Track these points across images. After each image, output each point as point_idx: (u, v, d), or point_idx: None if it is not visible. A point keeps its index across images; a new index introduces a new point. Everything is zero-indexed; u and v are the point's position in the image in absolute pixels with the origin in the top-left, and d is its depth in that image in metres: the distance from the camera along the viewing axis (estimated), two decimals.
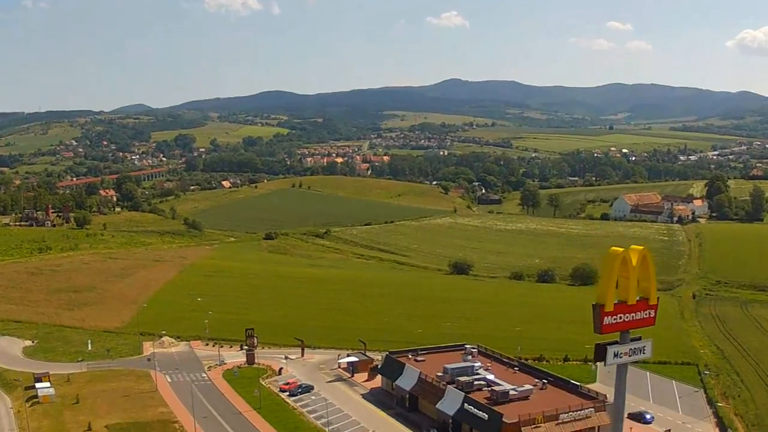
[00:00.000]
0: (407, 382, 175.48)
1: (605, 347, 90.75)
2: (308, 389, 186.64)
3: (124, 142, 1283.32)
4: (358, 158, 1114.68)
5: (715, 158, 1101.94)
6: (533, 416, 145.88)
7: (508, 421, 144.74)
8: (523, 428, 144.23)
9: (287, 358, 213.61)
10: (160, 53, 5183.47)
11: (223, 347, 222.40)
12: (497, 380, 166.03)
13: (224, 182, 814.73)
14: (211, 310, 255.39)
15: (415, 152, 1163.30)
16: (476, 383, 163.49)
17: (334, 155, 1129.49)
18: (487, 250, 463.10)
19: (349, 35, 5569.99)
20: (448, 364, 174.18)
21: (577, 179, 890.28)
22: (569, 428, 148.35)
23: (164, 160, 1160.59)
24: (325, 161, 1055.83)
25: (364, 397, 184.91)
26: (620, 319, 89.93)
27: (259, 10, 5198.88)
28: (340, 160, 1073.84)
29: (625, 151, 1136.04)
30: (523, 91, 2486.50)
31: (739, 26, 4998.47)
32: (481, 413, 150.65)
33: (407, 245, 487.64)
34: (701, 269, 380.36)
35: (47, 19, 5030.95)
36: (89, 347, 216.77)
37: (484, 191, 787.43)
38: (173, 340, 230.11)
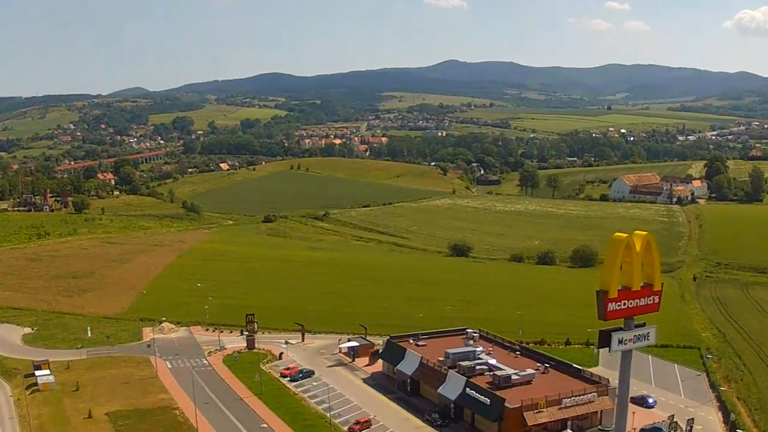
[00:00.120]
0: (408, 366, 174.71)
1: (609, 334, 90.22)
2: (309, 374, 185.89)
3: (121, 125, 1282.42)
4: (356, 140, 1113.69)
5: (713, 138, 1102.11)
6: (536, 401, 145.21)
7: (510, 405, 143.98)
8: (525, 413, 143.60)
9: (287, 343, 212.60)
10: (157, 36, 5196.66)
11: (223, 332, 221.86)
12: (499, 365, 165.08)
13: (222, 165, 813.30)
14: (210, 295, 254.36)
15: (413, 133, 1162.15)
16: (478, 368, 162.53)
17: (332, 137, 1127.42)
18: (486, 231, 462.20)
19: (347, 17, 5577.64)
20: (449, 348, 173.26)
21: (575, 160, 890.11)
22: (572, 413, 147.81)
23: (162, 142, 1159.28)
24: (323, 143, 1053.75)
25: (365, 381, 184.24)
26: (624, 305, 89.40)
27: None
28: (338, 141, 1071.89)
29: (623, 131, 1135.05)
30: (521, 71, 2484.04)
31: (737, 6, 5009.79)
32: (483, 398, 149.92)
33: (406, 227, 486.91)
34: (701, 251, 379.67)
35: (44, 2, 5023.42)
36: (89, 334, 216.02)
37: (482, 172, 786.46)
38: (173, 325, 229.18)
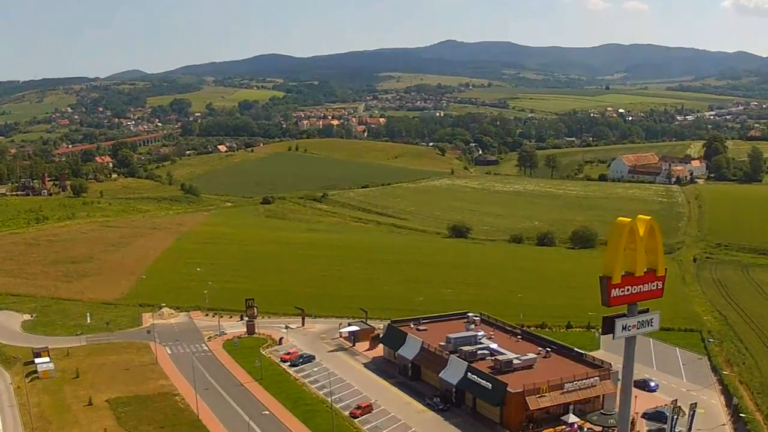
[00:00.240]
0: (410, 351, 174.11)
1: (613, 320, 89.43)
2: (309, 359, 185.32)
3: (119, 108, 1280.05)
4: (354, 120, 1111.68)
5: (712, 118, 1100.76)
6: (538, 385, 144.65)
7: (512, 390, 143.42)
8: (527, 397, 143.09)
9: (288, 327, 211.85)
10: (155, 18, 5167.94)
11: (222, 317, 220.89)
12: (500, 349, 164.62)
13: (220, 146, 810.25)
14: (209, 279, 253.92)
15: (411, 114, 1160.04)
16: (479, 352, 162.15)
17: (330, 117, 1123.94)
18: (485, 212, 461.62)
19: None
20: (450, 333, 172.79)
21: (574, 139, 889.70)
22: (574, 397, 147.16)
23: (160, 125, 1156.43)
24: (321, 124, 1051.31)
25: (365, 366, 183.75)
26: (628, 291, 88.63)
27: None
28: (336, 122, 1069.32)
29: (621, 111, 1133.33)
30: (519, 51, 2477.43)
31: None
32: (484, 383, 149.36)
33: (404, 208, 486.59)
34: (701, 231, 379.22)
35: None
36: (88, 320, 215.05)
37: (480, 152, 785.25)
38: (173, 311, 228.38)
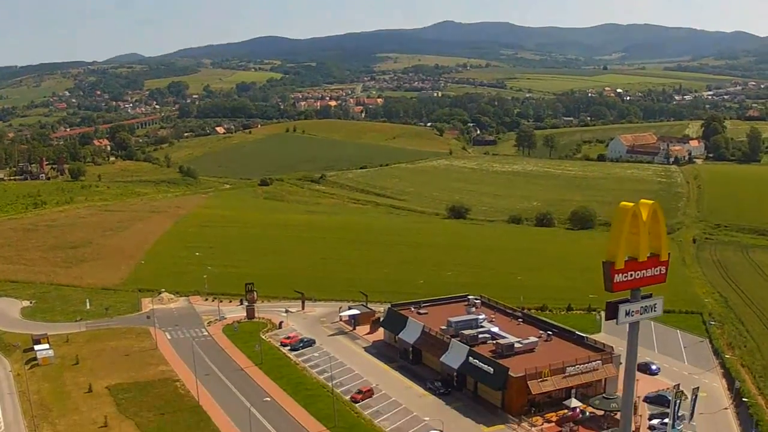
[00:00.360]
0: (410, 335, 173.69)
1: (617, 305, 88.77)
2: (310, 343, 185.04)
3: (117, 91, 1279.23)
4: (351, 101, 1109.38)
5: (710, 98, 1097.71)
6: (539, 369, 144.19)
7: (514, 374, 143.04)
8: (529, 382, 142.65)
9: (288, 311, 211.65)
10: (152, 1, 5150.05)
11: (222, 302, 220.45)
12: (502, 333, 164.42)
13: (218, 128, 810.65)
14: (209, 263, 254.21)
15: (408, 94, 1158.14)
16: (481, 336, 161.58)
17: (327, 98, 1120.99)
18: (483, 192, 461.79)
19: None
20: (451, 316, 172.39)
21: (571, 119, 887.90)
22: (576, 381, 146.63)
23: (157, 107, 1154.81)
24: (318, 105, 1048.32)
25: (366, 350, 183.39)
26: (631, 276, 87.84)
27: None
28: (333, 103, 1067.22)
29: (619, 90, 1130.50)
30: (516, 32, 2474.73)
31: None
32: (486, 367, 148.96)
33: (403, 189, 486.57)
34: (700, 212, 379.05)
35: None
36: (87, 306, 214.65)
37: (478, 132, 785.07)
38: (172, 295, 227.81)
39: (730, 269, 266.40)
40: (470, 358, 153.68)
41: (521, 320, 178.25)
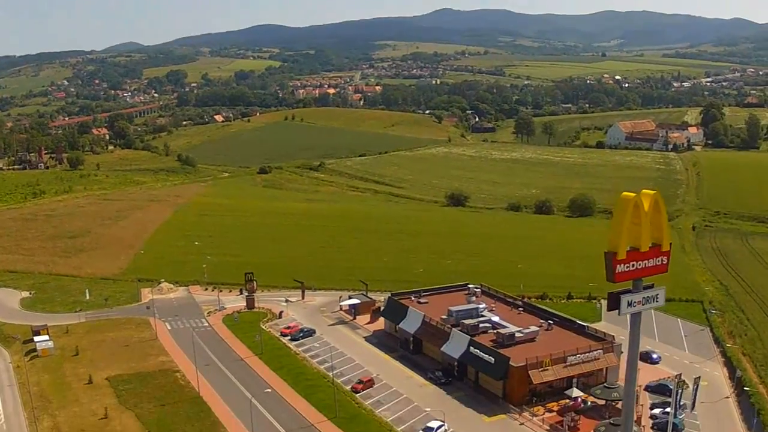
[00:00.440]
0: (411, 325, 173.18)
1: (619, 296, 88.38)
2: (310, 333, 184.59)
3: (115, 80, 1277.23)
4: (350, 89, 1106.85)
5: (708, 85, 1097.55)
6: (540, 359, 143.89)
7: (515, 364, 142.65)
8: (530, 371, 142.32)
9: (287, 301, 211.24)
10: None
11: (222, 291, 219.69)
12: (502, 322, 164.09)
13: (216, 116, 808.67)
14: (208, 252, 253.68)
15: (407, 82, 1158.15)
16: (481, 326, 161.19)
17: (326, 86, 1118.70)
18: (482, 180, 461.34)
19: None
20: (452, 306, 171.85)
21: (570, 106, 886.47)
22: (577, 370, 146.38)
23: (156, 96, 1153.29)
24: (317, 93, 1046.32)
25: (366, 340, 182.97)
26: (633, 267, 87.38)
27: None
28: (332, 91, 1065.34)
29: (618, 77, 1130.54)
30: (515, 19, 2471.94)
31: None
32: (487, 357, 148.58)
33: (402, 176, 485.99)
34: (700, 199, 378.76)
35: None
36: (87, 296, 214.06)
37: (477, 119, 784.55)
38: (171, 285, 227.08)
39: (729, 257, 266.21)
40: (471, 347, 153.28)
41: (522, 309, 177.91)
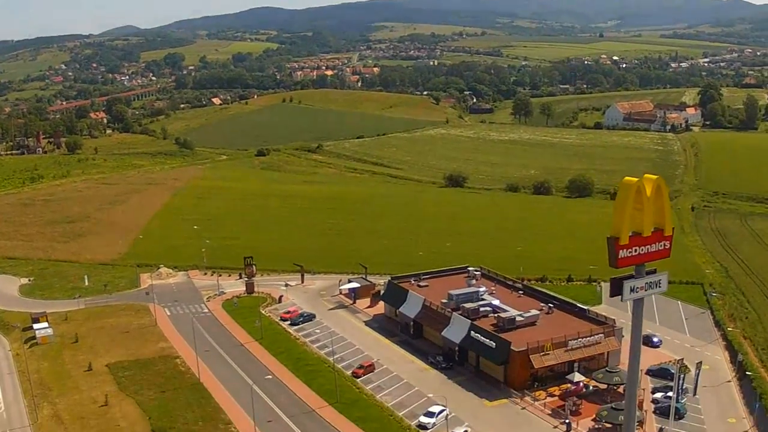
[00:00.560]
0: (411, 309, 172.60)
1: (621, 282, 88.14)
2: (310, 318, 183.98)
3: (113, 63, 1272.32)
4: (348, 70, 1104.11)
5: (706, 66, 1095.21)
6: (542, 343, 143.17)
7: (516, 349, 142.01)
8: (531, 356, 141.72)
9: (287, 285, 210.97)
10: None
11: (221, 276, 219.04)
12: (503, 306, 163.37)
13: (214, 99, 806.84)
14: (207, 236, 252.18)
15: (405, 63, 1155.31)
16: (482, 309, 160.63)
17: (324, 68, 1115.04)
18: (481, 161, 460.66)
19: None
20: (452, 289, 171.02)
21: (568, 87, 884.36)
22: (579, 355, 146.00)
23: (154, 79, 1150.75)
24: (315, 74, 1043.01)
25: (366, 324, 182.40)
26: (635, 252, 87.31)
27: None
28: (329, 72, 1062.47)
29: (615, 58, 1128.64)
30: (512, 0, 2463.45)
31: None
32: (488, 341, 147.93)
33: (400, 158, 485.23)
34: (698, 180, 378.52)
35: None
36: (86, 282, 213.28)
37: (475, 100, 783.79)
38: (171, 270, 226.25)
39: (729, 238, 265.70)
40: (472, 332, 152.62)
41: (522, 292, 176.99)
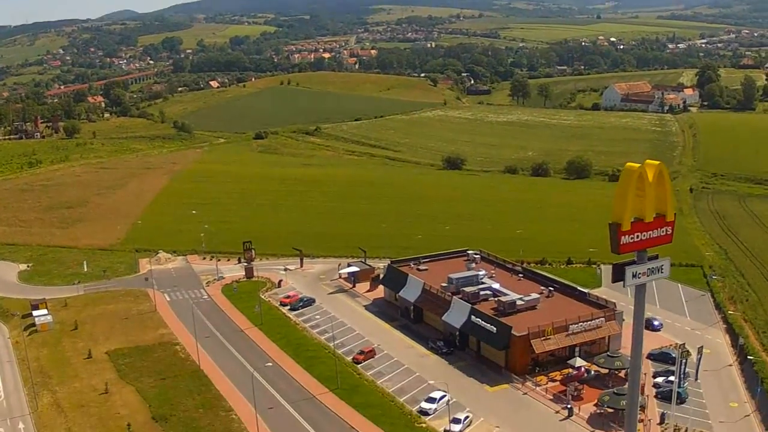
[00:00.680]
0: (411, 293, 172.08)
1: (623, 268, 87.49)
2: (309, 302, 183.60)
3: (111, 48, 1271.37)
4: (345, 53, 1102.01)
5: (703, 47, 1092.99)
6: (542, 328, 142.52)
7: (517, 333, 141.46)
8: (532, 341, 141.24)
9: (286, 269, 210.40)
10: None
11: (220, 260, 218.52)
12: (503, 289, 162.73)
13: (212, 82, 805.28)
14: (205, 220, 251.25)
15: (402, 45, 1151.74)
16: (482, 293, 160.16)
17: (321, 51, 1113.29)
18: (479, 143, 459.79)
19: None
20: (452, 273, 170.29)
21: (565, 68, 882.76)
22: (580, 339, 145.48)
23: (151, 63, 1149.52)
24: (312, 57, 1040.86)
25: (366, 308, 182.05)
26: (638, 237, 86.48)
27: None
28: (327, 55, 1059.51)
29: (613, 39, 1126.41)
30: None
31: None
32: (489, 326, 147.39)
33: (398, 140, 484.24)
34: (696, 161, 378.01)
35: None
36: (85, 268, 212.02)
37: (472, 82, 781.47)
38: (169, 255, 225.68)
39: (728, 219, 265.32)
40: (472, 316, 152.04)
41: (521, 276, 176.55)
